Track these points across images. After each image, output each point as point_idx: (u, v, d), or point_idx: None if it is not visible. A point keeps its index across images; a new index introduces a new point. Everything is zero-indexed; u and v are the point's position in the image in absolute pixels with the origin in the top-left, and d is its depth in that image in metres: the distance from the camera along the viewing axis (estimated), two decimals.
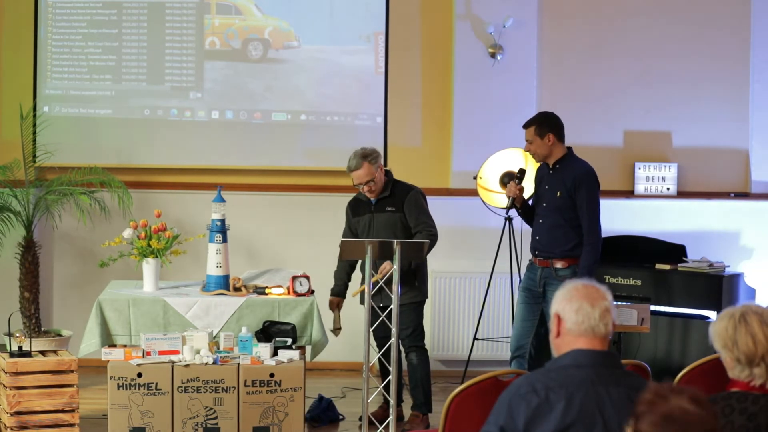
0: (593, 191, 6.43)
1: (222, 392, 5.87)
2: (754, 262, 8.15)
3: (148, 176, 8.15)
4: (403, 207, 6.63)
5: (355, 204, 6.80)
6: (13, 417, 5.95)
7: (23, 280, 7.56)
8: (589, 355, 3.29)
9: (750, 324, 3.30)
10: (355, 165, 6.59)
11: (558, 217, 6.42)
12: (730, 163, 8.32)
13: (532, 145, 6.47)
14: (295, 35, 8.16)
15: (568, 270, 6.36)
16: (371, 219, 6.67)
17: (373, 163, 6.59)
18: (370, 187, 6.61)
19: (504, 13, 8.03)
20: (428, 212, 6.67)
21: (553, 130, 6.44)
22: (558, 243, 6.41)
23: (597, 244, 6.38)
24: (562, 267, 6.39)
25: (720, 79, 8.28)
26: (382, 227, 6.60)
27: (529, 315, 6.52)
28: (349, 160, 6.64)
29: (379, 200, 6.68)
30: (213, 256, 6.46)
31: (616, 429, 3.20)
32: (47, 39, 8.09)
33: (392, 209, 6.65)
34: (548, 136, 6.43)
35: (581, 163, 6.50)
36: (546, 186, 6.50)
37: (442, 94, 8.21)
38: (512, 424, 3.23)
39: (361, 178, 6.59)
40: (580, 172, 6.42)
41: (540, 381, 3.25)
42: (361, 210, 6.74)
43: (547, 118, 6.51)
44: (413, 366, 6.68)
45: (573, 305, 3.31)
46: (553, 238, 6.42)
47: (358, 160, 6.58)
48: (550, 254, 6.43)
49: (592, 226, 6.38)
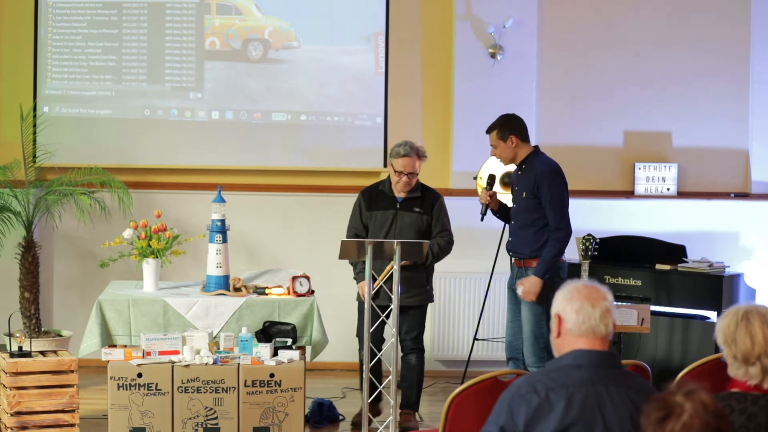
0: (555, 187, 6.38)
1: (222, 392, 5.87)
2: (754, 262, 8.15)
3: (148, 176, 8.15)
4: (432, 210, 6.61)
5: (374, 196, 6.66)
6: (13, 417, 5.96)
7: (23, 281, 7.56)
8: (590, 356, 3.29)
9: (752, 323, 3.30)
10: (406, 152, 6.51)
11: (526, 218, 6.43)
12: (730, 164, 8.32)
13: (496, 150, 6.47)
14: (295, 35, 8.16)
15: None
16: (395, 216, 6.59)
17: (422, 159, 6.57)
18: (410, 180, 6.56)
19: (504, 13, 8.03)
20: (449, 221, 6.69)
21: (514, 132, 6.43)
22: (527, 243, 6.41)
23: (562, 239, 6.36)
24: (532, 267, 6.39)
25: (720, 79, 8.29)
26: (407, 226, 6.52)
27: (516, 315, 6.53)
28: (397, 146, 6.56)
29: (406, 199, 6.62)
30: (213, 256, 6.46)
31: (617, 429, 3.20)
32: (47, 39, 8.09)
33: (420, 211, 6.59)
34: (511, 139, 6.41)
35: (544, 160, 6.46)
36: (516, 187, 6.52)
37: (442, 94, 8.21)
38: (512, 424, 3.23)
39: (407, 167, 6.51)
40: (541, 170, 6.38)
41: (540, 381, 3.25)
42: (381, 204, 6.62)
43: (508, 120, 6.49)
44: (410, 366, 6.66)
45: (574, 305, 3.31)
46: (523, 238, 6.43)
47: (411, 150, 6.52)
48: (522, 255, 6.45)
49: (558, 222, 6.35)
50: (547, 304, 6.27)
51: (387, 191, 6.64)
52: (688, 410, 2.72)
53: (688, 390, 2.75)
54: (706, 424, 2.71)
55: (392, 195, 6.62)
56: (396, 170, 6.55)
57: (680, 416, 2.72)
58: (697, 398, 2.74)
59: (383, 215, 6.61)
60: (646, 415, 2.78)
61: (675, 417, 2.72)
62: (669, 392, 2.77)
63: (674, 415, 2.73)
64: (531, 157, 6.44)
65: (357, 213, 6.69)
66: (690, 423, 2.71)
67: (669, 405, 2.75)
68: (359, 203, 6.69)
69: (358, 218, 6.67)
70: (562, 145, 8.23)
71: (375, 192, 6.68)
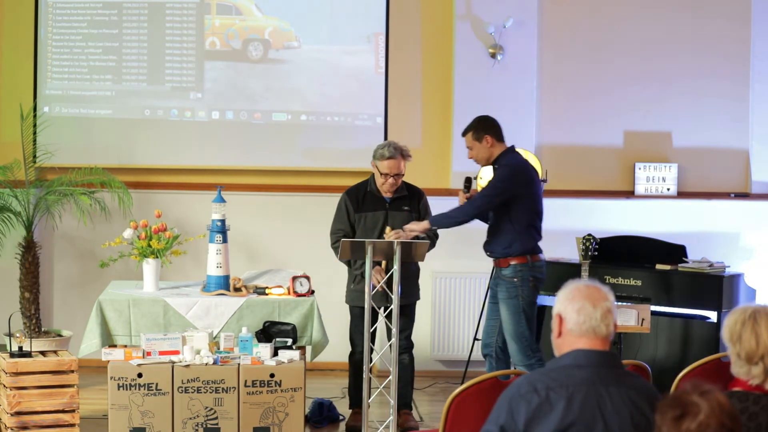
0: (500, 181, 6.35)
1: (222, 392, 5.87)
2: (755, 262, 8.15)
3: (148, 176, 8.15)
4: (419, 207, 6.62)
5: (360, 197, 6.63)
6: (13, 417, 5.96)
7: (23, 281, 7.56)
8: (590, 356, 3.29)
9: (758, 323, 3.31)
10: (391, 154, 6.49)
11: (495, 217, 6.44)
12: (730, 164, 8.32)
13: (473, 151, 6.46)
14: (295, 35, 8.16)
15: (509, 269, 6.37)
16: (386, 216, 6.58)
17: (407, 159, 6.56)
18: (397, 181, 6.55)
19: (504, 13, 8.03)
20: None
21: (489, 132, 6.42)
22: (498, 243, 6.41)
23: (458, 218, 6.36)
24: (504, 267, 6.40)
25: (720, 79, 8.29)
26: (398, 226, 6.44)
27: (492, 314, 6.54)
28: (381, 148, 6.54)
29: (394, 199, 6.62)
30: (213, 256, 6.46)
31: (617, 429, 3.20)
32: (47, 39, 8.09)
33: (408, 209, 6.60)
34: (486, 139, 6.40)
35: (512, 158, 6.44)
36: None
37: (442, 94, 8.21)
38: (513, 423, 3.24)
39: (393, 169, 6.49)
40: (500, 166, 6.39)
41: (541, 381, 3.26)
42: (370, 205, 6.60)
43: (482, 120, 6.48)
44: (404, 365, 6.63)
45: (575, 305, 3.32)
46: (494, 238, 6.44)
47: (395, 151, 6.50)
48: (494, 254, 6.46)
49: (469, 206, 6.34)
50: (524, 303, 6.31)
51: (375, 192, 6.62)
52: (704, 410, 2.73)
53: (704, 390, 2.76)
54: (721, 425, 2.72)
55: (380, 196, 6.61)
56: (382, 173, 6.53)
57: (696, 415, 2.72)
58: (714, 398, 2.74)
59: (374, 216, 6.59)
60: (662, 413, 2.78)
61: (691, 416, 2.73)
62: (685, 391, 2.78)
63: (690, 414, 2.73)
64: (503, 155, 6.42)
65: (344, 214, 6.64)
66: (706, 422, 2.71)
67: (685, 404, 2.75)
68: (345, 204, 6.63)
69: (346, 220, 6.63)
70: (562, 145, 8.24)
71: (362, 193, 6.65)
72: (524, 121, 8.11)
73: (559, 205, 7.97)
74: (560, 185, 8.10)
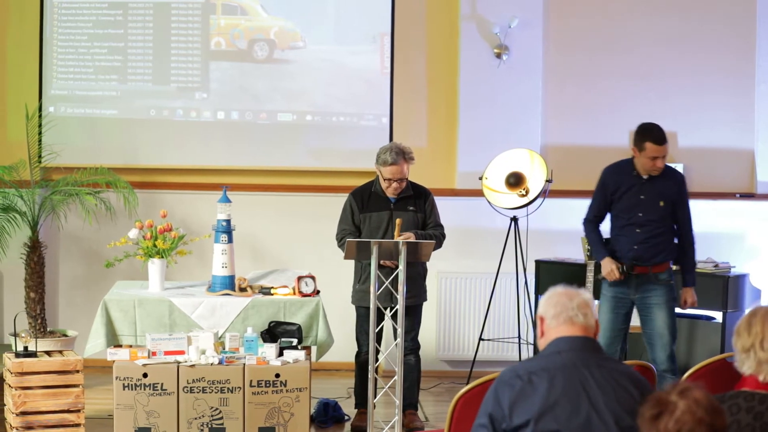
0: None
1: (227, 392, 5.88)
2: (760, 262, 8.14)
3: (153, 176, 8.16)
4: (425, 207, 6.61)
5: (365, 198, 6.62)
6: (18, 417, 5.96)
7: (29, 281, 7.57)
8: (570, 341, 3.39)
9: (755, 316, 3.40)
10: (393, 160, 6.43)
11: (657, 225, 6.45)
12: (735, 164, 8.31)
13: (665, 159, 6.41)
14: (300, 36, 8.17)
15: (666, 273, 6.45)
16: (390, 216, 6.57)
17: (409, 162, 6.51)
18: (400, 185, 6.53)
19: (510, 13, 8.03)
20: None
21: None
22: (659, 249, 6.45)
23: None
24: (661, 271, 6.45)
25: (726, 79, 8.28)
26: (404, 226, 6.46)
27: (613, 324, 6.49)
28: (384, 153, 6.49)
29: (399, 199, 6.60)
30: (218, 256, 6.46)
31: (602, 404, 3.25)
32: (53, 39, 8.09)
33: (413, 209, 6.58)
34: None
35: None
36: (643, 195, 6.45)
37: (448, 94, 8.21)
38: (499, 409, 3.33)
39: (396, 174, 6.46)
40: (677, 172, 6.59)
41: (523, 368, 3.37)
42: (375, 205, 6.59)
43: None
44: (410, 366, 6.63)
45: (551, 302, 3.45)
46: (654, 245, 6.44)
47: (397, 156, 6.45)
48: (655, 260, 6.43)
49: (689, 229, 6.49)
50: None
51: (380, 192, 6.60)
52: (680, 407, 2.75)
53: (682, 388, 2.79)
54: (699, 420, 2.73)
55: (385, 196, 6.59)
56: (385, 178, 6.51)
57: (673, 413, 2.75)
58: (690, 395, 2.77)
59: (378, 216, 6.58)
60: (641, 414, 2.82)
61: (668, 414, 2.76)
62: (664, 391, 2.80)
63: (667, 412, 2.76)
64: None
65: (349, 215, 6.63)
66: (682, 419, 2.74)
67: (662, 403, 2.78)
68: (350, 205, 6.63)
69: (350, 220, 6.62)
70: (567, 145, 8.23)
71: (367, 194, 6.64)
72: (529, 121, 8.11)
73: (564, 204, 7.97)
74: (566, 185, 8.08)
